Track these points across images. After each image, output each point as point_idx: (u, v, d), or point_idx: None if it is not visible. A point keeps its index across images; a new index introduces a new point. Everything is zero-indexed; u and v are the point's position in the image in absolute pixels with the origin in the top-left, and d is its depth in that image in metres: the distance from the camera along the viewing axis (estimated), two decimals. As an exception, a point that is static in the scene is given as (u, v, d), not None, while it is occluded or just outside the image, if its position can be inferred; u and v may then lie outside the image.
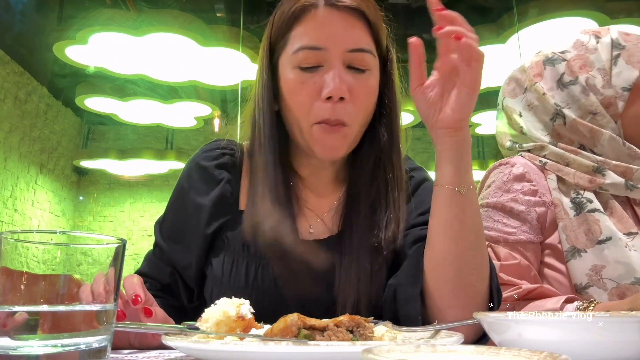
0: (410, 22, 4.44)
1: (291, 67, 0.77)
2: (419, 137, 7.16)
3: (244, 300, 0.58)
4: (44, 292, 0.42)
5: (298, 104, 0.77)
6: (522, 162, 1.05)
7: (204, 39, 3.62)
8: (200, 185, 0.85)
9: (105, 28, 3.55)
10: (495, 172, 1.07)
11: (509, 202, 1.01)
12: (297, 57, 0.76)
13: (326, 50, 0.75)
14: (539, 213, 1.01)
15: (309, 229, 0.84)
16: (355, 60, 0.76)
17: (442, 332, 0.60)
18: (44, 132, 6.23)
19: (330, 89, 0.74)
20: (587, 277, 0.95)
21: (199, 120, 5.67)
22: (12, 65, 5.45)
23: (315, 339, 0.48)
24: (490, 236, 1.02)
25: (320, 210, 0.86)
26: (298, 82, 0.77)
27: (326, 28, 0.75)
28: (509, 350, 0.34)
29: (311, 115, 0.76)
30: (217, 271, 0.80)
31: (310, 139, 0.78)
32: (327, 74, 0.75)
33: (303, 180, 0.87)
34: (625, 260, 0.92)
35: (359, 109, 0.77)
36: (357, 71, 0.77)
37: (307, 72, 0.76)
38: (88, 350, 0.43)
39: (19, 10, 4.64)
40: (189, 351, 0.51)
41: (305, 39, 0.76)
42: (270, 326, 0.52)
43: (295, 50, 0.76)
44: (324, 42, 0.75)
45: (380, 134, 0.83)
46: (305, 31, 0.77)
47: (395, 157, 0.84)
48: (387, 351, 0.34)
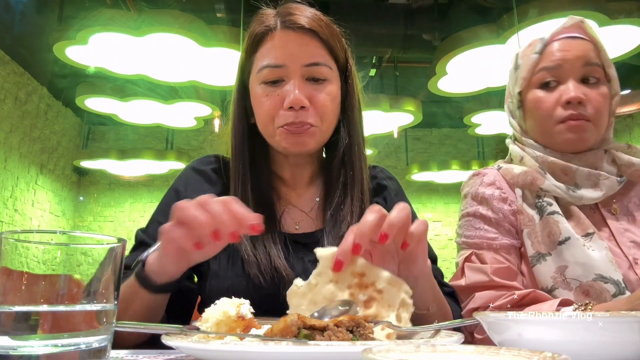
0: (410, 22, 4.45)
1: (257, 83, 0.89)
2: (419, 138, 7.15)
3: (244, 300, 0.58)
4: (44, 292, 0.42)
5: (265, 113, 0.88)
6: (492, 172, 1.12)
7: (204, 39, 3.62)
8: (198, 185, 0.93)
9: (106, 28, 3.55)
10: (470, 183, 1.14)
11: (486, 212, 1.06)
12: (262, 75, 0.88)
13: (286, 67, 0.86)
14: (512, 221, 1.06)
15: (295, 225, 0.93)
16: (313, 72, 0.87)
17: (442, 332, 0.60)
18: (44, 133, 6.23)
19: (290, 99, 0.85)
20: (552, 279, 0.98)
21: (199, 120, 5.66)
22: (12, 65, 5.45)
23: (315, 339, 0.48)
24: (475, 243, 1.05)
25: (304, 207, 0.95)
26: (263, 95, 0.88)
27: (284, 48, 0.87)
28: (509, 350, 0.34)
29: (276, 121, 0.87)
30: (214, 267, 0.86)
31: (278, 139, 0.88)
32: (288, 86, 0.86)
33: (285, 181, 0.97)
34: (584, 259, 0.95)
35: (322, 112, 0.88)
36: (315, 82, 0.88)
37: (271, 87, 0.88)
38: (88, 350, 0.43)
39: (19, 10, 4.64)
40: (189, 351, 0.51)
41: (266, 59, 0.88)
42: (270, 326, 0.52)
43: (260, 69, 0.88)
44: (283, 60, 0.87)
45: (343, 138, 0.94)
46: (266, 52, 0.88)
47: (355, 157, 0.93)
48: (387, 351, 0.34)
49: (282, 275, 0.82)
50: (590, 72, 1.02)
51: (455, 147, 7.96)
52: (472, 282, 1.00)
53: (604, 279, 0.94)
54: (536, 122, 1.07)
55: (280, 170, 0.98)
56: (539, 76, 1.05)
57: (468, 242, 1.06)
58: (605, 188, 1.02)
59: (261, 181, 0.93)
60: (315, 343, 0.45)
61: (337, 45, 0.91)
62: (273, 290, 0.80)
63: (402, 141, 7.55)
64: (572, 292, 0.96)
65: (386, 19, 4.37)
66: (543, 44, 1.05)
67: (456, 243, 1.12)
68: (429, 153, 7.91)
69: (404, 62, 5.43)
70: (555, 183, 1.03)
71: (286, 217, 0.94)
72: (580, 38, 1.04)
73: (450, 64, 4.06)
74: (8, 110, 5.41)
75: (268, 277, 0.82)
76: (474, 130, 5.97)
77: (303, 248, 0.89)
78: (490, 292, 0.98)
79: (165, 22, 3.57)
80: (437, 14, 4.41)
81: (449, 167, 6.32)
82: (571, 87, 1.00)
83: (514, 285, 0.98)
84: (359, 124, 0.96)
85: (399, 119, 5.23)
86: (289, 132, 0.86)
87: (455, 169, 6.28)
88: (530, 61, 1.06)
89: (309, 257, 0.85)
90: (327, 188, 0.95)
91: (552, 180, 1.03)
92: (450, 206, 7.84)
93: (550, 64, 1.03)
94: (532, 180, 1.04)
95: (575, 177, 1.03)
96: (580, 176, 1.02)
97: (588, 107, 1.00)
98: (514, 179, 1.07)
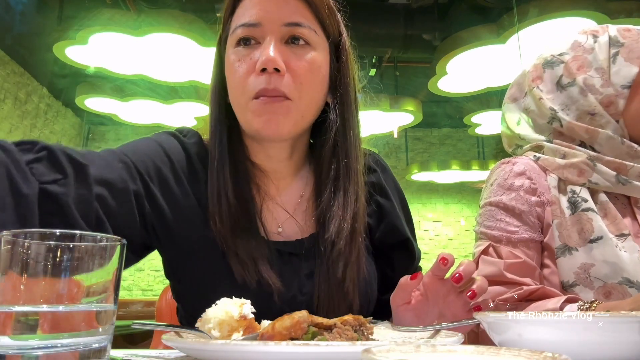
0: (410, 22, 4.45)
1: (231, 48, 0.77)
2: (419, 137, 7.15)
3: (246, 300, 0.58)
4: (44, 292, 0.42)
5: (235, 81, 0.75)
6: (523, 162, 1.06)
7: (204, 39, 3.62)
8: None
9: (105, 28, 3.55)
10: (497, 171, 1.08)
11: (511, 202, 1.02)
12: (235, 35, 0.76)
13: (261, 26, 0.74)
14: (539, 213, 1.01)
15: (278, 228, 0.81)
16: (293, 32, 0.75)
17: (442, 332, 0.60)
18: (44, 133, 6.23)
19: (263, 59, 0.72)
20: (574, 275, 0.95)
21: (199, 120, 5.66)
22: (12, 65, 5.45)
23: (323, 336, 0.49)
24: (493, 235, 1.02)
25: (286, 204, 0.83)
26: (235, 60, 0.75)
27: (262, 5, 0.75)
28: (509, 350, 0.34)
29: (247, 89, 0.74)
30: (197, 273, 0.76)
31: (250, 115, 0.74)
32: (262, 47, 0.74)
33: (265, 173, 0.83)
34: (614, 259, 0.92)
35: (300, 82, 0.74)
36: (294, 45, 0.75)
37: (245, 49, 0.75)
38: (88, 350, 0.43)
39: (19, 10, 4.64)
40: (189, 351, 0.51)
41: (242, 19, 0.76)
42: (270, 322, 0.52)
43: (233, 29, 0.76)
44: (259, 18, 0.74)
45: (333, 121, 0.81)
46: (242, 12, 0.77)
47: (349, 144, 0.81)
48: (387, 351, 0.34)
49: (271, 290, 0.73)
50: None
51: (456, 147, 7.96)
52: (484, 276, 0.99)
53: (630, 283, 0.91)
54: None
55: (257, 159, 0.83)
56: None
57: (487, 232, 1.03)
58: None
59: (238, 170, 0.79)
60: (315, 343, 0.45)
61: (326, 12, 0.78)
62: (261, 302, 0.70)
63: (402, 141, 7.55)
64: (594, 291, 0.93)
65: (386, 19, 4.37)
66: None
67: (475, 232, 1.09)
68: (429, 153, 7.91)
69: (404, 62, 5.44)
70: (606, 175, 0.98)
71: (267, 215, 0.80)
72: None
73: (450, 64, 4.06)
74: (8, 110, 5.41)
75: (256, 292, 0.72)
76: (474, 130, 5.98)
77: (294, 257, 0.78)
78: (500, 288, 0.96)
79: (165, 22, 3.57)
80: (437, 14, 4.41)
81: (449, 167, 6.32)
82: None
83: (525, 282, 0.96)
84: (353, 106, 0.82)
85: (399, 119, 5.23)
86: (261, 104, 0.72)
87: (455, 169, 6.27)
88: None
89: (303, 268, 0.77)
90: (317, 182, 0.83)
91: (603, 172, 0.98)
92: (450, 206, 7.84)
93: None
94: (579, 172, 0.99)
95: (628, 173, 0.98)
96: (633, 173, 0.98)
97: None
98: (558, 169, 1.02)
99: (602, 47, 1.03)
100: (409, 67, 5.61)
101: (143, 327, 0.54)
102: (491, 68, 4.08)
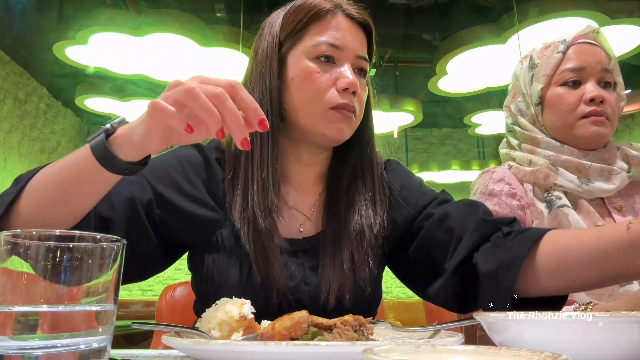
0: (410, 22, 4.45)
1: (308, 58, 0.85)
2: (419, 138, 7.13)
3: (245, 300, 0.58)
4: (43, 292, 0.42)
5: (315, 89, 0.83)
6: (501, 169, 1.16)
7: (204, 39, 3.62)
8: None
9: (105, 28, 3.55)
10: (479, 180, 1.17)
11: (494, 207, 1.08)
12: (318, 49, 0.84)
13: (342, 50, 0.85)
14: (521, 216, 1.08)
15: (299, 228, 0.89)
16: (361, 64, 0.88)
17: (442, 332, 0.60)
18: (43, 133, 6.23)
19: (348, 81, 0.83)
20: None
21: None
22: (12, 65, 5.45)
23: (323, 336, 0.49)
24: None
25: (303, 207, 0.91)
26: (315, 70, 0.84)
27: (344, 32, 0.86)
28: (509, 350, 0.34)
29: (327, 99, 0.83)
30: (210, 269, 0.83)
31: (322, 121, 0.84)
32: (343, 68, 0.84)
33: (287, 178, 0.92)
34: None
35: (360, 105, 0.88)
36: (359, 75, 0.88)
37: (326, 65, 0.85)
38: (88, 350, 0.43)
39: (19, 10, 4.64)
40: (189, 351, 0.51)
41: (326, 36, 0.85)
42: (270, 322, 0.52)
43: (316, 43, 0.85)
44: (344, 44, 0.85)
45: (364, 131, 0.93)
46: (325, 30, 0.85)
47: (373, 153, 0.94)
48: (387, 351, 0.34)
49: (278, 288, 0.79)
50: (606, 77, 1.09)
51: (456, 147, 7.96)
52: None
53: None
54: (558, 117, 1.11)
55: (287, 164, 0.92)
56: (563, 75, 1.10)
57: None
58: (618, 181, 1.06)
59: (265, 177, 0.84)
60: (315, 343, 0.45)
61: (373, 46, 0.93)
62: (265, 298, 0.79)
63: (402, 141, 7.55)
64: None
65: (386, 19, 4.37)
66: (566, 46, 1.12)
67: None
68: (429, 153, 7.91)
69: (404, 62, 5.44)
70: (569, 177, 1.06)
71: (290, 219, 0.89)
72: (595, 45, 1.12)
73: (450, 63, 4.06)
74: (8, 110, 5.41)
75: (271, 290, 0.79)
76: (474, 130, 5.97)
77: (303, 254, 0.86)
78: None
79: (165, 22, 3.57)
80: (437, 14, 4.41)
81: (449, 167, 6.32)
82: (593, 87, 1.07)
83: None
84: (372, 121, 0.97)
85: (399, 119, 5.23)
86: (340, 115, 0.83)
87: (455, 169, 6.28)
88: (553, 60, 1.12)
89: (309, 262, 0.85)
90: (332, 187, 0.92)
91: (566, 175, 1.07)
92: (450, 206, 7.83)
93: (575, 65, 1.09)
94: (544, 176, 1.08)
95: (589, 173, 1.07)
96: (594, 172, 1.06)
97: (607, 106, 1.07)
98: (526, 176, 1.11)
99: (524, 73, 1.18)
100: (409, 67, 5.61)
101: (143, 327, 0.54)
102: (491, 68, 4.08)
